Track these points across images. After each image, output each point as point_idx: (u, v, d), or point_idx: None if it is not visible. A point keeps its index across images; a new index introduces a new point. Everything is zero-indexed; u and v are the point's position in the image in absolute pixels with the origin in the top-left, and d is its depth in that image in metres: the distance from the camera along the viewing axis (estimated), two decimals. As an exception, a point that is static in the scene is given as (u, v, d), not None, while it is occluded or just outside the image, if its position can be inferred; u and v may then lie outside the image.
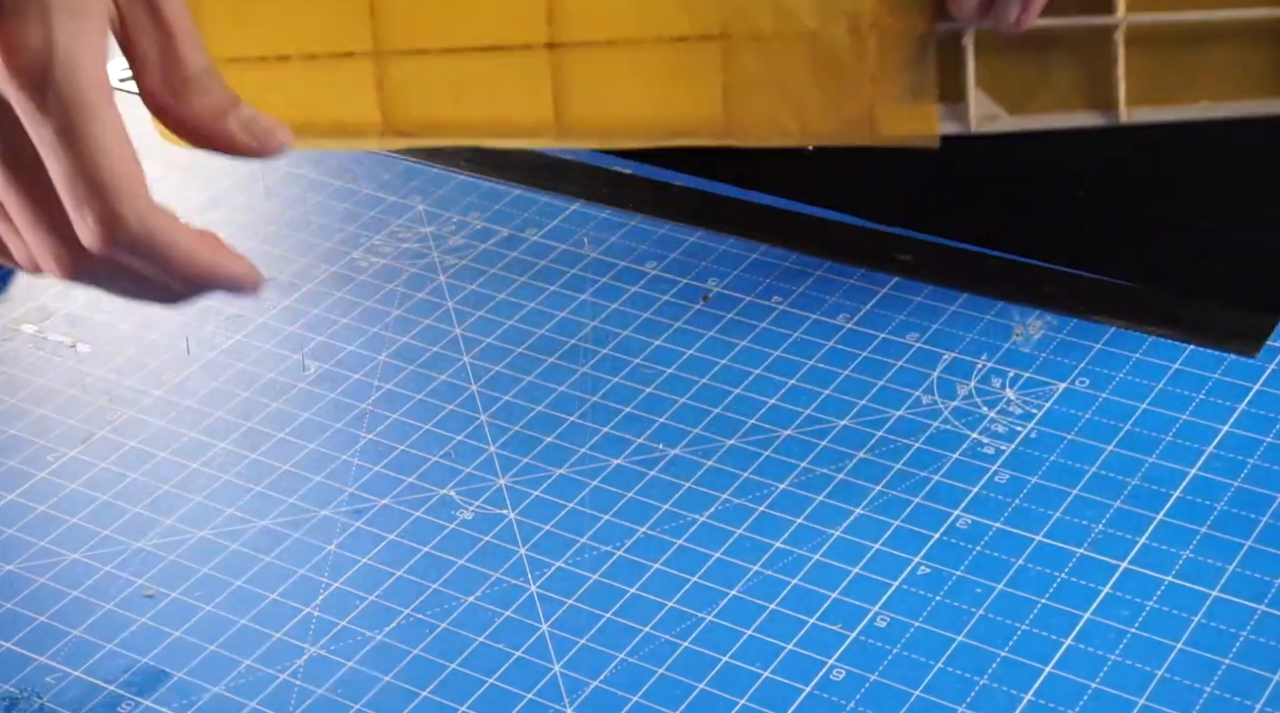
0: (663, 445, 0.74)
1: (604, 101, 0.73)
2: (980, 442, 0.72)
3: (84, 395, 0.78)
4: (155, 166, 0.92)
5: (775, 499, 0.71)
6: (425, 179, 0.89)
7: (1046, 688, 0.63)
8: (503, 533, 0.70)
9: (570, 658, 0.65)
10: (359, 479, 0.73)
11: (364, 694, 0.65)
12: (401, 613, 0.67)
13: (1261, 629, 0.64)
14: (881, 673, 0.64)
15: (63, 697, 0.65)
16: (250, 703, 0.64)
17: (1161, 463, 0.71)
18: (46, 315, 0.83)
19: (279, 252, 0.86)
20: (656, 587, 0.68)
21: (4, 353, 0.81)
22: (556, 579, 0.68)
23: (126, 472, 0.74)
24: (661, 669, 0.65)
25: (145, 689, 0.65)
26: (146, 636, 0.67)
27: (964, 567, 0.67)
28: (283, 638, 0.67)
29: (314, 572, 0.69)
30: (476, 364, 0.78)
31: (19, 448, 0.76)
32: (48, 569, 0.70)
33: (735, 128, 0.74)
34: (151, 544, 0.71)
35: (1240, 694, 0.62)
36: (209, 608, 0.68)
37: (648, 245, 0.84)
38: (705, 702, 0.63)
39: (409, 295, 0.82)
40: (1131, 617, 0.65)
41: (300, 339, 0.80)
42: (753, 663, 0.64)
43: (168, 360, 0.80)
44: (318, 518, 0.72)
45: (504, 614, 0.67)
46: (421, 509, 0.72)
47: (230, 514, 0.72)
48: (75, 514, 0.73)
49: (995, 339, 0.77)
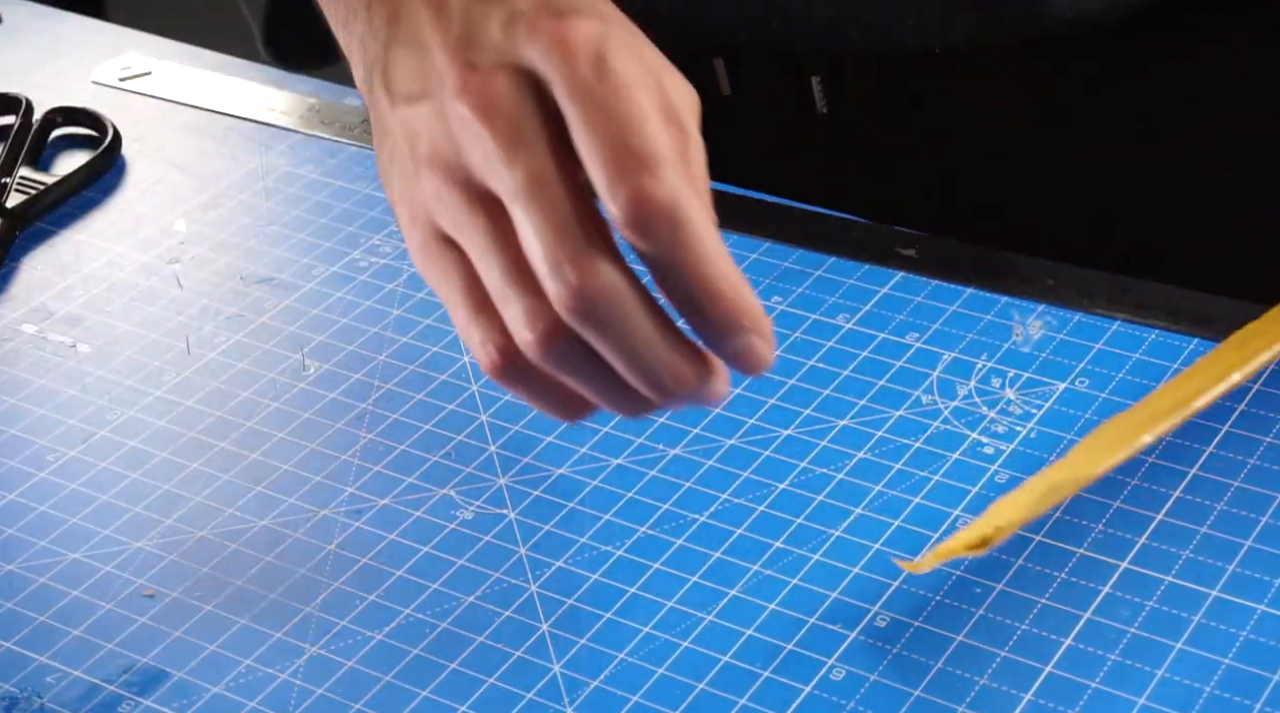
0: (663, 445, 0.74)
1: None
2: (980, 442, 0.72)
3: (84, 395, 0.78)
4: (155, 167, 0.92)
5: (775, 499, 0.71)
6: (425, 179, 0.89)
7: (1046, 688, 0.63)
8: (503, 533, 0.70)
9: (570, 658, 0.65)
10: (359, 479, 0.73)
11: (364, 694, 0.65)
12: (401, 613, 0.67)
13: (1261, 629, 0.64)
14: (881, 673, 0.64)
15: (63, 697, 0.65)
16: (250, 703, 0.64)
17: (1161, 463, 0.71)
18: (46, 315, 0.83)
19: (279, 252, 0.86)
20: (656, 587, 0.68)
21: (4, 353, 0.81)
22: (556, 579, 0.68)
23: (126, 472, 0.74)
24: (661, 669, 0.65)
25: (145, 689, 0.65)
26: (146, 636, 0.67)
27: (964, 567, 0.67)
28: (283, 638, 0.67)
29: (314, 572, 0.69)
30: (476, 364, 0.78)
31: (19, 448, 0.76)
32: (48, 569, 0.70)
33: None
34: (151, 544, 0.71)
35: (1240, 694, 0.62)
36: (209, 608, 0.68)
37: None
38: (705, 702, 0.63)
39: (409, 295, 0.82)
40: (1131, 617, 0.65)
41: (300, 339, 0.80)
42: (753, 663, 0.64)
43: (168, 360, 0.80)
44: (318, 518, 0.72)
45: (504, 614, 0.67)
46: (421, 509, 0.72)
47: (230, 514, 0.72)
48: (75, 514, 0.73)
49: (995, 339, 0.77)
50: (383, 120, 0.62)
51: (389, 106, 0.61)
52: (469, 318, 0.59)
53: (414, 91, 0.60)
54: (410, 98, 0.60)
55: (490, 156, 0.57)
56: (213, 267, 0.85)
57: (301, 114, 0.94)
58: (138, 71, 0.98)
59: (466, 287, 0.59)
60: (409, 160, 0.60)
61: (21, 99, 0.94)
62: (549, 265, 0.56)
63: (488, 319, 0.58)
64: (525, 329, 0.57)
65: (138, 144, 0.94)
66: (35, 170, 0.90)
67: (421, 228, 0.60)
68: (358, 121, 0.93)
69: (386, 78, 0.62)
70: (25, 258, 0.87)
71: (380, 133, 0.63)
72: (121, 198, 0.90)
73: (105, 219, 0.89)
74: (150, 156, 0.93)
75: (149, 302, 0.83)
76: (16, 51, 1.01)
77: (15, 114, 0.94)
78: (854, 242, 0.83)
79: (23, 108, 0.94)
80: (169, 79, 0.98)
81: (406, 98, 0.60)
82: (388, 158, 0.62)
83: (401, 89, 0.61)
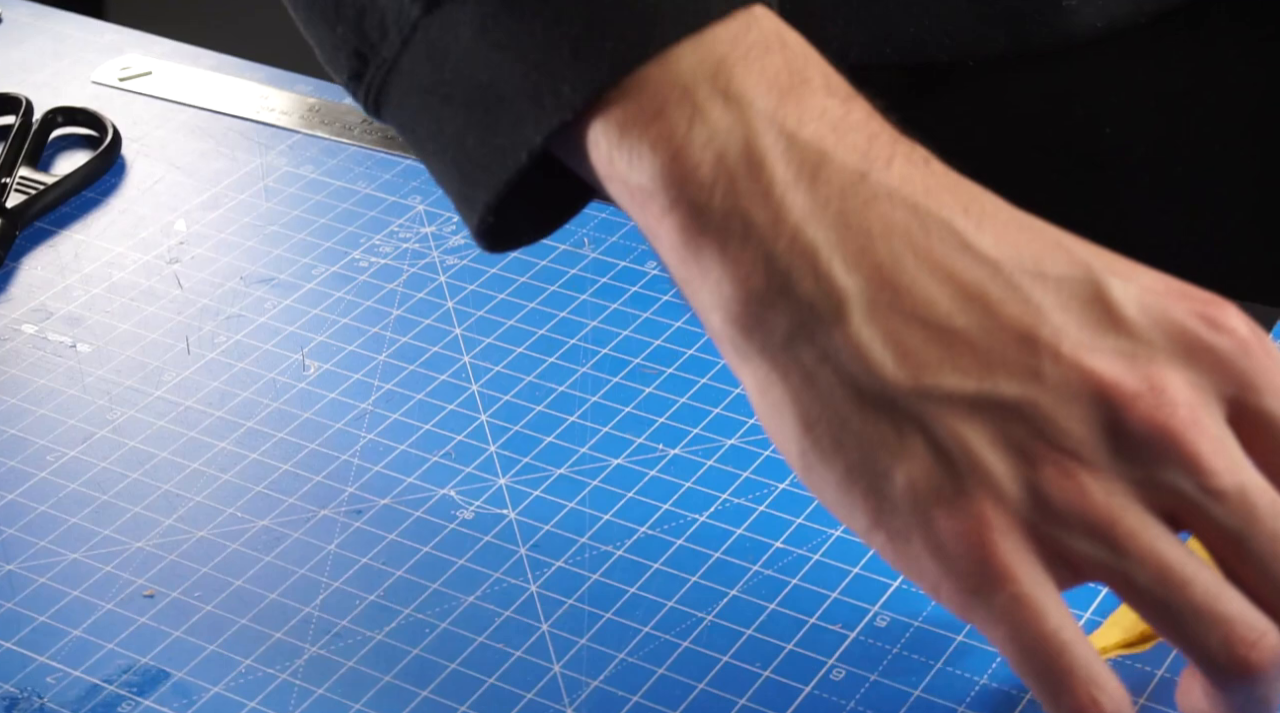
0: (663, 445, 0.74)
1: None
2: (980, 442, 0.72)
3: (84, 395, 0.78)
4: (155, 167, 0.92)
5: (775, 499, 0.71)
6: (425, 179, 0.89)
7: (1046, 688, 0.63)
8: (503, 533, 0.70)
9: (570, 658, 0.65)
10: (359, 479, 0.73)
11: (364, 694, 0.65)
12: (401, 613, 0.67)
13: (1261, 629, 0.64)
14: (881, 673, 0.64)
15: (63, 697, 0.65)
16: (250, 703, 0.64)
17: (1161, 463, 0.71)
18: (46, 315, 0.83)
19: (279, 252, 0.86)
20: (656, 587, 0.68)
21: (4, 353, 0.81)
22: (556, 579, 0.68)
23: (126, 472, 0.74)
24: (661, 669, 0.65)
25: (145, 689, 0.65)
26: (146, 636, 0.67)
27: (964, 567, 0.67)
28: (283, 638, 0.67)
29: (314, 572, 0.69)
30: (476, 364, 0.78)
31: (19, 448, 0.76)
32: (48, 569, 0.70)
33: None
34: (151, 544, 0.71)
35: (1240, 694, 0.62)
36: (209, 608, 0.68)
37: (648, 245, 0.84)
38: (705, 702, 0.63)
39: (409, 295, 0.82)
40: (1131, 617, 0.65)
41: (300, 339, 0.80)
42: (753, 663, 0.64)
43: (168, 360, 0.80)
44: (318, 518, 0.72)
45: (504, 614, 0.67)
46: (421, 509, 0.72)
47: (230, 514, 0.72)
48: (75, 514, 0.73)
49: (995, 339, 0.77)
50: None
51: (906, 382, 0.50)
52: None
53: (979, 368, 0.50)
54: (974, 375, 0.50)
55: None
56: (213, 267, 0.85)
57: (301, 114, 0.94)
58: (138, 71, 0.98)
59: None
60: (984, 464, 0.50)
61: (21, 99, 0.94)
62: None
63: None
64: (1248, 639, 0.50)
65: (138, 144, 0.93)
66: (35, 170, 0.90)
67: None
68: (358, 122, 0.93)
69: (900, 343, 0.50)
70: (25, 258, 0.87)
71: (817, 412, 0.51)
72: (121, 198, 0.90)
73: (105, 219, 0.89)
74: (150, 157, 0.93)
75: (149, 302, 0.83)
76: (16, 51, 1.01)
77: (15, 114, 0.94)
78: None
79: (23, 108, 0.94)
80: (169, 79, 0.98)
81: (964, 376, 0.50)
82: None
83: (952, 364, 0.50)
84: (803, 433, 0.52)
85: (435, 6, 0.56)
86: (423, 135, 0.58)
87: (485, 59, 0.54)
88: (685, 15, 0.52)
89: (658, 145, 0.52)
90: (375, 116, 0.60)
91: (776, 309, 0.51)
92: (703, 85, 0.52)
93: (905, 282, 0.50)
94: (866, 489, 0.51)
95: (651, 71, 0.52)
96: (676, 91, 0.52)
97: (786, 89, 0.52)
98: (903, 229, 0.50)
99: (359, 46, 0.59)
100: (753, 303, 0.51)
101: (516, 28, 0.54)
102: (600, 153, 0.53)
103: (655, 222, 0.53)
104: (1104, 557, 0.50)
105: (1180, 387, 0.50)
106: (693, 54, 0.52)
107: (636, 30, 0.52)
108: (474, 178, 0.56)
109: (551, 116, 0.53)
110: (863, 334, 0.50)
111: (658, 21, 0.52)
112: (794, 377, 0.51)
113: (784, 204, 0.51)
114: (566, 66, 0.53)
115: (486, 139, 0.55)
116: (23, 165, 0.90)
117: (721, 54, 0.52)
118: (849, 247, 0.50)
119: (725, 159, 0.51)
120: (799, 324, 0.51)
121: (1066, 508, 0.50)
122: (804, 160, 0.51)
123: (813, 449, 0.52)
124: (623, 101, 0.52)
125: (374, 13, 0.58)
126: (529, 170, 0.55)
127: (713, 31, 0.52)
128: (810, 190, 0.51)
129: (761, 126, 0.51)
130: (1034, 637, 0.50)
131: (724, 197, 0.51)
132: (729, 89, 0.52)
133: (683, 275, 0.54)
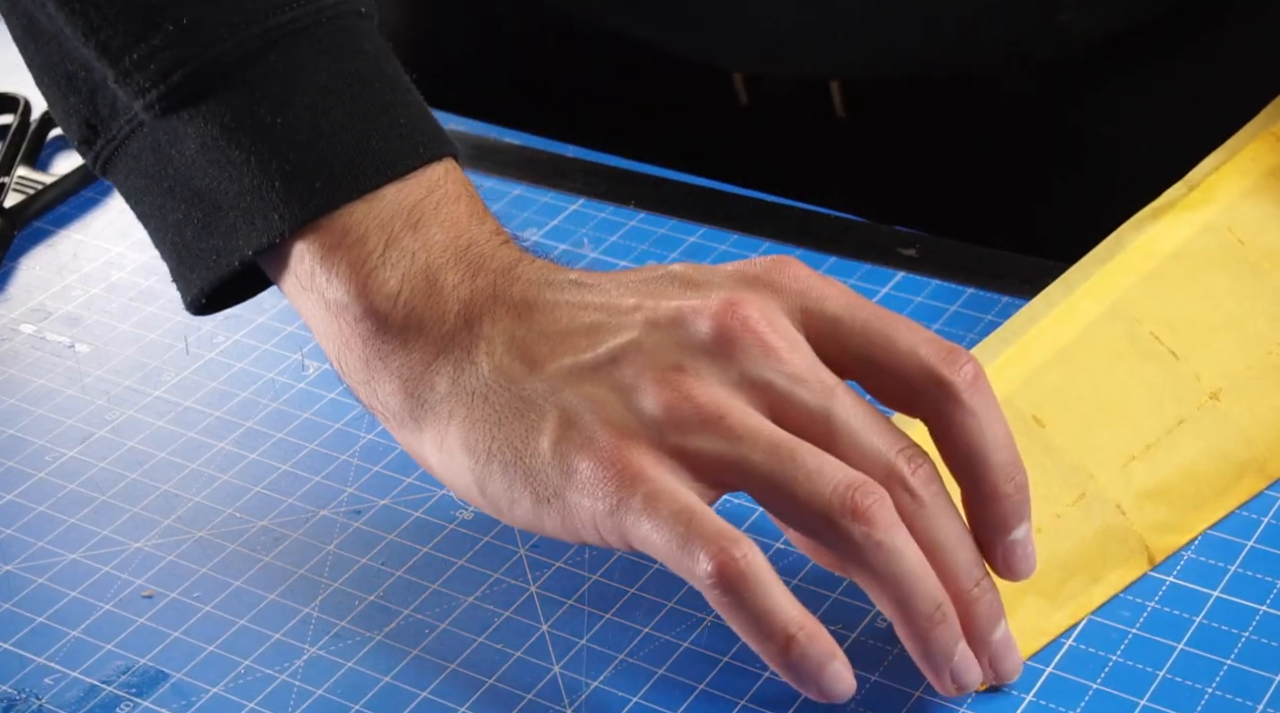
0: (663, 445, 0.73)
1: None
2: (981, 441, 0.72)
3: (83, 395, 0.78)
4: (154, 166, 0.92)
5: (775, 499, 0.71)
6: (425, 178, 0.89)
7: (1047, 688, 0.63)
8: (503, 533, 0.70)
9: (570, 658, 0.65)
10: (359, 479, 0.73)
11: (364, 694, 0.64)
12: (401, 613, 0.67)
13: (1263, 630, 0.64)
14: (881, 673, 0.64)
15: (62, 697, 0.65)
16: (250, 703, 0.64)
17: (1162, 463, 0.71)
18: (46, 315, 0.83)
19: (278, 251, 0.85)
20: (656, 587, 0.68)
21: (2, 353, 0.81)
22: (556, 579, 0.68)
23: (125, 472, 0.74)
24: (661, 669, 0.65)
25: (145, 690, 0.65)
26: (146, 636, 0.67)
27: (965, 567, 0.67)
28: (283, 638, 0.67)
29: (314, 572, 0.69)
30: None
31: (19, 448, 0.76)
32: (47, 569, 0.70)
33: None
34: (150, 545, 0.71)
35: (1242, 695, 0.62)
36: (208, 608, 0.68)
37: (648, 244, 0.84)
38: (705, 702, 0.63)
39: (409, 295, 0.82)
40: (1132, 617, 0.65)
41: (300, 339, 0.80)
42: (753, 663, 0.64)
43: (168, 360, 0.80)
44: (318, 518, 0.72)
45: (504, 614, 0.67)
46: (421, 509, 0.72)
47: (229, 515, 0.72)
48: (74, 514, 0.72)
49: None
50: (527, 407, 0.61)
51: (551, 377, 0.61)
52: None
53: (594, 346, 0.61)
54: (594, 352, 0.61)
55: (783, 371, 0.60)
56: (212, 266, 0.85)
57: (301, 113, 0.94)
58: (137, 71, 0.98)
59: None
60: (615, 413, 0.59)
61: (19, 99, 0.94)
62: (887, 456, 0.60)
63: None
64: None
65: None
66: (33, 170, 0.90)
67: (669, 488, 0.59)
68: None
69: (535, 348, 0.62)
70: (23, 258, 0.87)
71: (524, 427, 0.61)
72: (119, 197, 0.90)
73: (104, 219, 0.89)
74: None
75: (148, 301, 0.83)
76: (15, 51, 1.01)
77: (13, 114, 0.94)
78: (854, 242, 0.83)
79: (20, 107, 0.94)
80: (168, 78, 0.97)
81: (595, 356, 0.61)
82: (550, 450, 0.60)
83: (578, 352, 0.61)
84: (473, 463, 0.61)
85: (159, 118, 0.65)
86: (146, 211, 0.68)
87: (205, 172, 0.65)
88: (395, 164, 0.64)
89: (356, 265, 0.64)
90: (103, 177, 0.69)
91: (441, 373, 0.62)
92: (398, 220, 0.64)
93: (536, 316, 0.62)
94: (525, 474, 0.60)
95: (358, 207, 0.64)
96: (376, 225, 0.64)
97: (464, 226, 0.65)
98: (538, 286, 0.63)
99: (90, 119, 0.68)
100: (421, 369, 0.62)
101: (235, 156, 0.64)
102: (303, 268, 0.64)
103: (349, 329, 0.64)
104: (722, 449, 0.58)
105: (752, 301, 0.60)
106: (395, 195, 0.64)
107: (349, 174, 0.64)
108: (190, 264, 0.67)
109: (262, 236, 0.64)
110: (504, 360, 0.61)
111: (362, 168, 0.64)
112: (457, 417, 0.61)
113: (452, 298, 0.63)
114: (279, 197, 0.64)
115: (203, 237, 0.66)
116: (21, 165, 0.90)
117: (418, 198, 0.64)
118: (499, 310, 0.62)
119: (408, 276, 0.63)
120: (457, 375, 0.62)
121: (679, 413, 0.58)
122: (468, 267, 0.63)
123: (483, 469, 0.61)
124: (330, 229, 0.64)
125: (105, 94, 0.66)
126: (238, 271, 0.66)
127: (414, 177, 0.65)
128: (471, 284, 0.63)
129: (438, 250, 0.64)
130: (669, 514, 0.57)
131: (405, 302, 0.63)
132: (419, 224, 0.64)
133: (365, 377, 0.64)
